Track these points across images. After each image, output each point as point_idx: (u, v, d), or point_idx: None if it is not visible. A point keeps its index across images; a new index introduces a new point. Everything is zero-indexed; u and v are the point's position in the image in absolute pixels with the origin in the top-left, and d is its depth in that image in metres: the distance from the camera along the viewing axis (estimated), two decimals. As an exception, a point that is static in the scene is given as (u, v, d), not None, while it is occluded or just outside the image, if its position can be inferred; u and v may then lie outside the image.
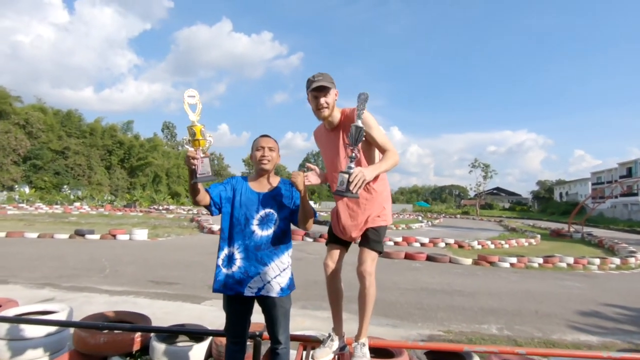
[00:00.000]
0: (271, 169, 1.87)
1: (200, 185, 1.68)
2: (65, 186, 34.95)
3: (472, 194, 64.36)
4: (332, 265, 2.01)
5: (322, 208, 51.42)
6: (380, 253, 1.97)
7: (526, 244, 13.56)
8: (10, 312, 2.63)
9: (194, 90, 1.54)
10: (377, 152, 1.96)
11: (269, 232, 1.79)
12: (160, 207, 30.95)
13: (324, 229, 13.74)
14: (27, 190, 32.28)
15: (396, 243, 11.93)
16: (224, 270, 1.76)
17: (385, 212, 2.00)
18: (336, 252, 2.04)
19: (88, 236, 10.44)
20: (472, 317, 4.44)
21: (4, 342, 2.42)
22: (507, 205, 69.05)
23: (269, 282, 1.75)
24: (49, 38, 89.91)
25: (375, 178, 1.84)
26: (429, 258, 8.77)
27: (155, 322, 3.46)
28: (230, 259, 1.77)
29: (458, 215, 44.83)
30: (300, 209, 1.80)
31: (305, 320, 3.91)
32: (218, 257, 1.79)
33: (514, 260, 8.52)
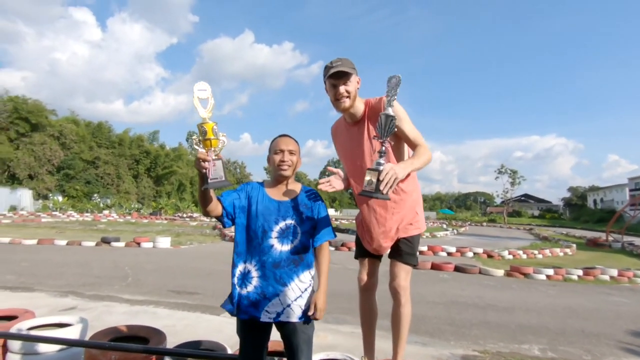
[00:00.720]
0: (291, 175, 1.65)
1: (212, 193, 1.49)
2: (95, 195, 36.33)
3: (498, 201, 62.14)
4: (366, 279, 1.80)
5: (342, 216, 51.05)
6: (415, 266, 1.74)
7: (561, 254, 12.75)
8: (26, 324, 2.57)
9: (205, 83, 1.37)
10: (406, 149, 1.73)
11: (289, 246, 1.57)
12: (184, 215, 31.52)
13: (346, 237, 13.46)
14: (60, 198, 33.72)
15: (421, 252, 11.48)
16: (239, 290, 1.55)
17: (418, 218, 1.77)
18: (370, 265, 1.82)
19: (113, 244, 10.64)
20: (510, 335, 4.08)
21: (18, 357, 2.35)
22: (536, 213, 66.20)
23: (289, 305, 1.53)
24: (83, 55, 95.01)
25: (405, 177, 1.59)
26: (457, 269, 8.34)
27: (174, 335, 3.34)
28: (245, 277, 1.56)
29: (484, 223, 43.24)
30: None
31: (327, 335, 3.69)
32: (233, 274, 1.58)
33: (550, 271, 7.96)
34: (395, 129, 1.46)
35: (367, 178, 1.39)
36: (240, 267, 1.58)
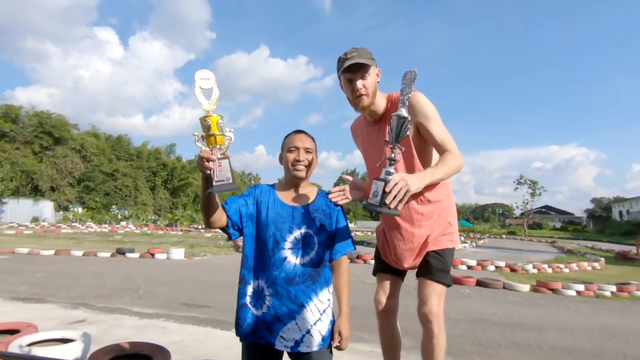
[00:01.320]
0: (307, 177, 1.44)
1: (217, 200, 1.29)
2: (113, 206, 37.06)
3: (518, 212, 60.52)
4: (384, 300, 1.55)
5: (357, 227, 50.50)
6: (449, 286, 1.49)
7: (589, 268, 12.09)
8: (27, 340, 2.45)
9: (208, 71, 1.20)
10: (435, 153, 1.50)
11: (305, 259, 1.35)
12: (200, 227, 31.72)
13: (362, 249, 13.12)
14: (80, 210, 34.52)
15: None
16: (254, 311, 1.33)
17: (452, 230, 1.53)
18: (389, 283, 1.57)
19: (128, 255, 10.66)
20: (543, 358, 3.74)
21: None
22: (558, 225, 63.95)
23: (308, 331, 1.30)
24: (105, 72, 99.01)
25: (432, 186, 1.39)
26: (479, 283, 7.94)
27: (181, 352, 3.17)
28: (258, 296, 1.34)
29: (504, 236, 42.02)
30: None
31: (343, 355, 3.45)
32: (243, 293, 1.36)
33: (580, 287, 7.47)
34: (419, 133, 1.29)
35: (373, 189, 1.21)
36: (252, 285, 1.37)
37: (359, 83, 1.42)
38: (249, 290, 1.36)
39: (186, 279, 7.58)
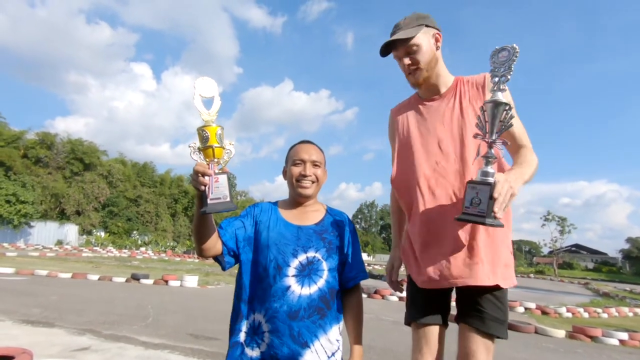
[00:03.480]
0: (314, 195, 1.26)
1: (213, 222, 1.11)
2: (134, 231, 37.68)
3: (546, 250, 57.39)
4: None
5: (376, 261, 49.15)
6: (503, 338, 1.17)
7: (630, 314, 11.07)
8: (20, 367, 2.31)
9: (209, 79, 1.08)
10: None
11: (311, 289, 1.13)
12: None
13: (380, 284, 12.47)
14: (102, 234, 35.28)
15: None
16: (248, 351, 1.12)
17: (512, 263, 1.23)
18: (432, 333, 1.22)
19: (142, 280, 10.59)
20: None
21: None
22: (590, 265, 60.22)
23: None
24: (138, 103, 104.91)
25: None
26: (509, 326, 7.30)
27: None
28: (255, 333, 1.13)
29: (532, 275, 39.73)
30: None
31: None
32: (236, 330, 1.16)
33: (623, 335, 6.75)
34: (512, 125, 1.02)
35: (470, 195, 0.98)
36: (248, 320, 1.16)
37: (406, 60, 1.22)
38: (244, 326, 1.16)
39: (197, 308, 7.36)
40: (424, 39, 1.20)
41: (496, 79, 1.03)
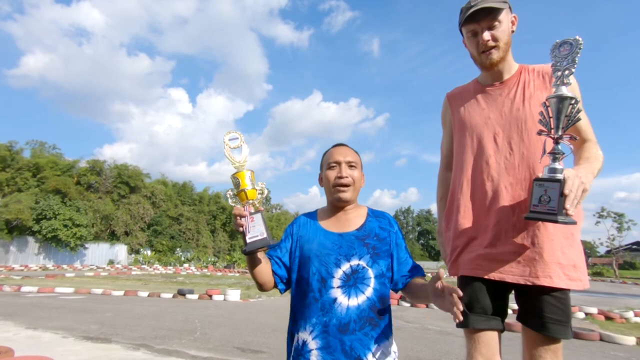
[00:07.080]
0: (354, 199, 1.20)
1: (263, 259, 1.14)
2: (178, 248, 39.35)
3: (602, 250, 53.05)
4: None
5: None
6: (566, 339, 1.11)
7: None
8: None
9: (236, 132, 1.19)
10: None
11: (359, 299, 1.08)
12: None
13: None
14: (149, 252, 37.16)
15: (515, 312, 9.78)
16: None
17: (583, 262, 1.17)
18: (490, 340, 1.15)
19: (188, 296, 10.97)
20: None
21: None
22: (657, 265, 54.71)
23: None
24: (176, 126, 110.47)
25: None
26: (568, 333, 6.77)
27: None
28: (300, 353, 1.09)
29: (588, 277, 36.76)
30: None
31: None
32: (287, 351, 1.15)
33: None
34: (580, 119, 0.97)
35: (538, 193, 0.95)
36: (294, 340, 1.13)
37: (486, 35, 1.12)
38: (294, 343, 1.14)
39: (241, 320, 7.49)
40: (507, 18, 1.15)
41: (558, 73, 1.00)
